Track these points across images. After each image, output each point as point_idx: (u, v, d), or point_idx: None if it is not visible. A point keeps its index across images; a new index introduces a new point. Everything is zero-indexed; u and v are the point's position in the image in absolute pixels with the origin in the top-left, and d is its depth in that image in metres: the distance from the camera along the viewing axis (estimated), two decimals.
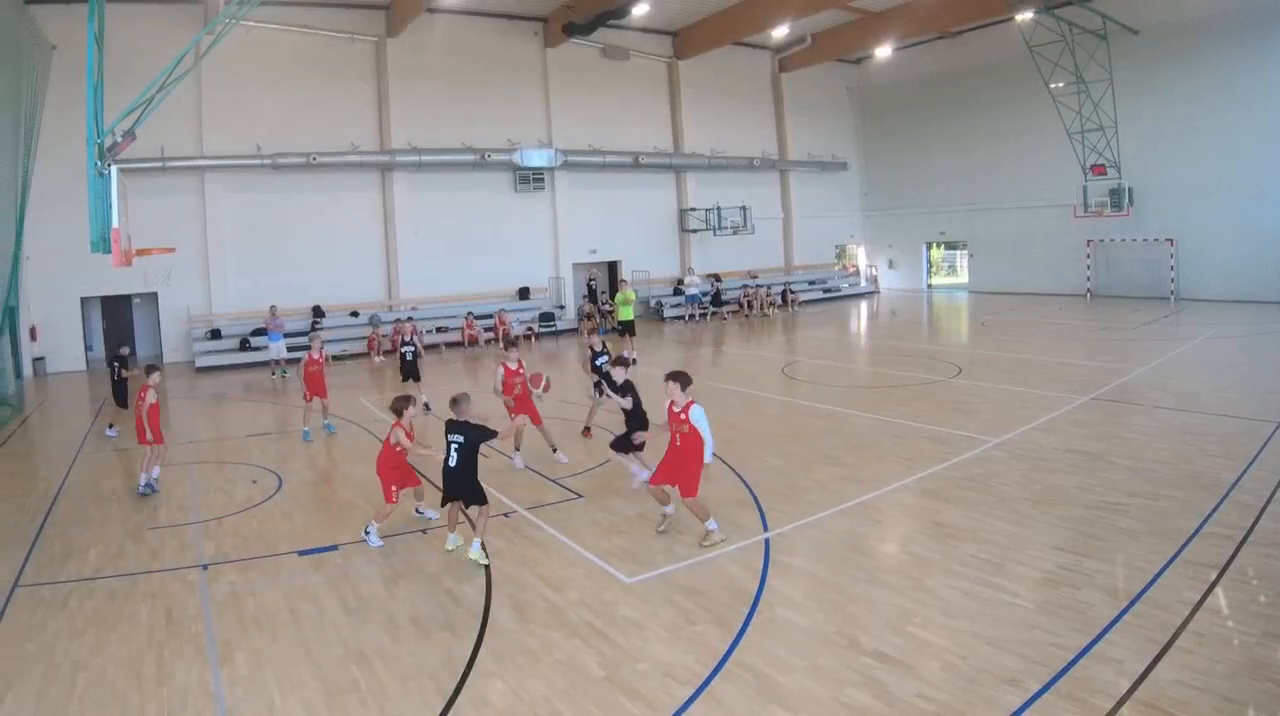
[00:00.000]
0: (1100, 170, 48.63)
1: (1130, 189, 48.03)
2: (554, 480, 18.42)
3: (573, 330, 48.45)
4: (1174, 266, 47.55)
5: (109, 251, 19.77)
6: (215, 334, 40.24)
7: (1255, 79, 44.18)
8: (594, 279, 52.83)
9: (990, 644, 10.18)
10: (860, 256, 67.61)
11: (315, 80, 43.00)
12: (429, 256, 46.01)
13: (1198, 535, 13.31)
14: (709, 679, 9.79)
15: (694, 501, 14.19)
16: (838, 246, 66.45)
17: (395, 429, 15.19)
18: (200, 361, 38.85)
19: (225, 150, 40.66)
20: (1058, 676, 9.36)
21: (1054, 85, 47.58)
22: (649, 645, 10.70)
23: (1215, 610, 10.88)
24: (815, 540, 14.11)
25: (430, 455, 15.13)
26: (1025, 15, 45.11)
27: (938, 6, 48.08)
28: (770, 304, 54.16)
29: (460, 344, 43.24)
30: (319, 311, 43.08)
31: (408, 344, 26.75)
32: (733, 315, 52.82)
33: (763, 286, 55.40)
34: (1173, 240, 47.39)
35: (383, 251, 45.79)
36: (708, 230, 54.82)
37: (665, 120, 55.45)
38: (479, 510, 13.94)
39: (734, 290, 55.31)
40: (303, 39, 42.46)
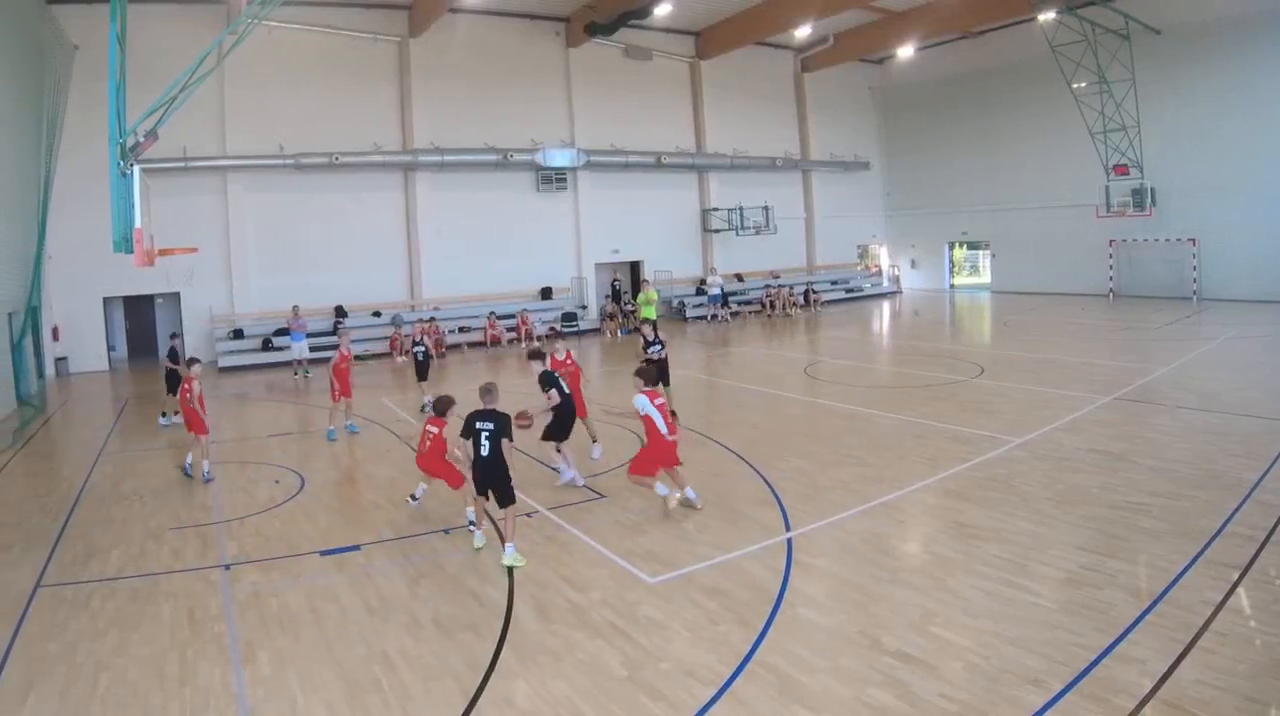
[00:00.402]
0: (1123, 170, 48.47)
1: (1152, 189, 47.88)
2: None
3: (595, 330, 48.51)
4: (1196, 266, 47.34)
5: (131, 251, 19.77)
6: (238, 334, 40.34)
7: (1278, 79, 44.02)
8: (618, 279, 52.66)
9: (1013, 643, 10.15)
10: (882, 256, 67.39)
11: (338, 80, 43.05)
12: (451, 256, 46.02)
13: (1220, 535, 13.26)
14: (731, 679, 9.77)
15: (637, 478, 16.03)
16: (860, 246, 66.33)
17: (440, 427, 16.10)
18: (223, 361, 38.92)
19: (248, 150, 40.71)
20: (1080, 676, 9.33)
21: (1076, 85, 47.48)
22: (671, 645, 10.68)
23: (1238, 610, 10.85)
24: (838, 540, 14.08)
25: (460, 460, 15.30)
26: (1047, 15, 45.07)
27: (960, 6, 47.96)
28: (792, 304, 53.99)
29: (483, 344, 43.23)
30: (341, 311, 43.10)
31: (419, 344, 26.72)
32: (755, 315, 52.83)
33: (785, 286, 55.21)
34: (1195, 240, 47.20)
35: (405, 251, 45.84)
36: (730, 230, 54.81)
37: (688, 120, 55.36)
38: (506, 512, 13.98)
39: (756, 290, 55.41)
40: (325, 39, 42.54)
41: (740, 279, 56.22)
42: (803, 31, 51.47)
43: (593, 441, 20.69)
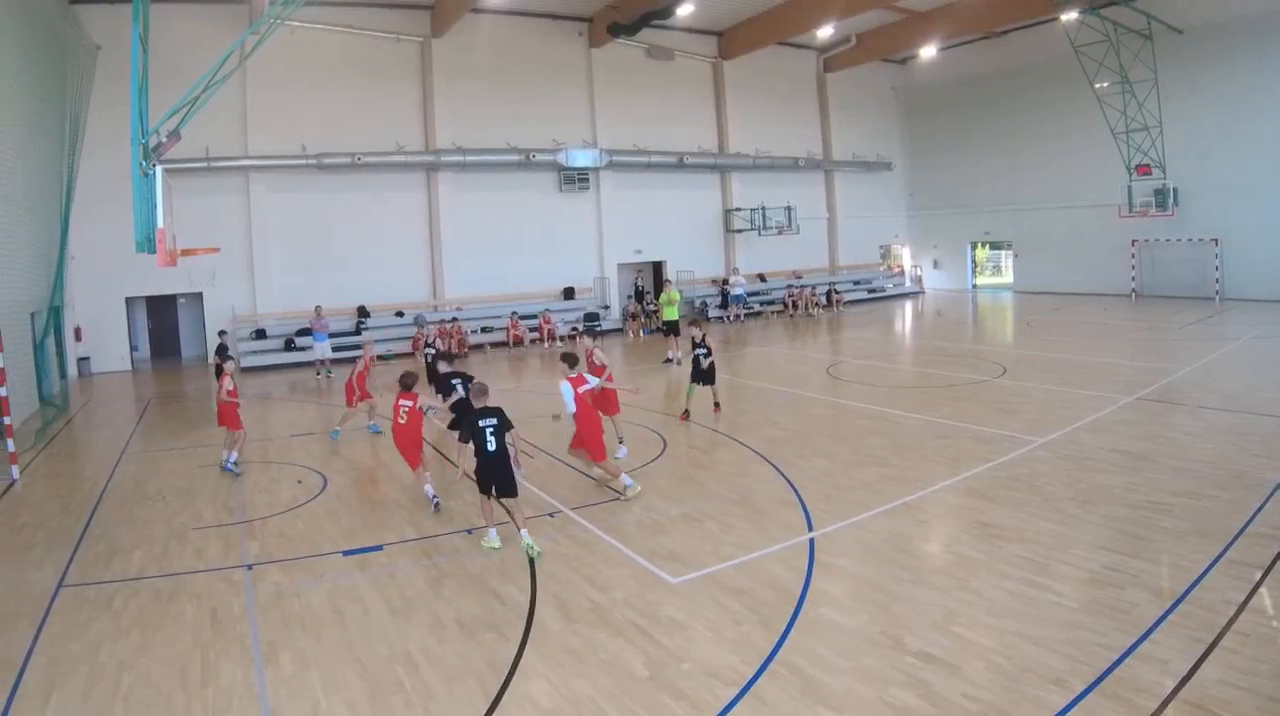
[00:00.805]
0: (1145, 170, 48.35)
1: (1175, 189, 47.82)
2: (598, 480, 18.35)
3: (618, 330, 48.47)
4: (1218, 266, 47.25)
5: (154, 251, 19.74)
6: (260, 334, 40.44)
7: None
8: (640, 280, 52.72)
9: (1035, 643, 10.15)
10: (905, 256, 67.36)
11: (360, 80, 43.15)
12: (474, 256, 46.09)
13: (1242, 535, 13.25)
14: (753, 679, 9.78)
15: (604, 464, 17.22)
16: (882, 246, 66.27)
17: (414, 401, 17.17)
18: (245, 361, 38.73)
19: (270, 150, 40.86)
20: (1102, 676, 9.33)
21: (1099, 85, 47.32)
22: (694, 645, 10.69)
23: (1260, 610, 10.83)
24: (860, 540, 14.07)
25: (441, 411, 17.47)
26: (1070, 15, 45.03)
27: (982, 6, 47.97)
28: (815, 304, 54.07)
29: (505, 344, 43.31)
30: (364, 312, 43.25)
31: (430, 346, 26.59)
32: (777, 315, 52.90)
33: (807, 286, 55.24)
34: (1217, 240, 47.12)
35: (427, 251, 45.91)
36: (752, 230, 54.78)
37: (710, 120, 55.35)
38: (513, 503, 14.35)
39: (779, 290, 55.38)
40: (348, 39, 42.66)
41: (763, 279, 56.23)
42: (825, 32, 51.39)
43: (619, 441, 20.73)
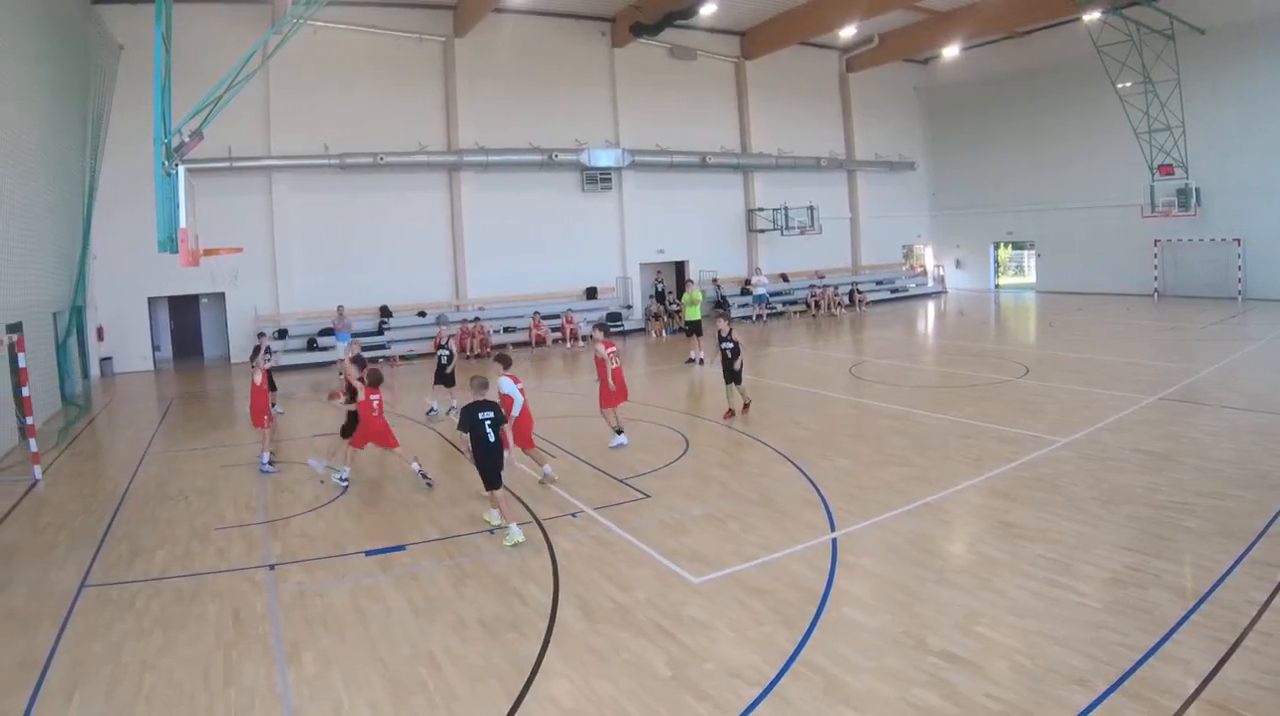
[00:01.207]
0: (1168, 170, 48.34)
1: (1197, 189, 47.74)
2: (621, 480, 18.46)
3: (640, 330, 48.69)
4: (1241, 266, 47.14)
5: (176, 251, 19.80)
6: (282, 334, 40.36)
7: None
8: (661, 280, 52.71)
9: (1058, 643, 10.14)
10: (928, 256, 67.37)
11: (383, 80, 43.23)
12: (496, 256, 46.12)
13: (1265, 535, 13.23)
14: (776, 679, 9.79)
15: (532, 451, 18.12)
16: (905, 246, 66.22)
17: (381, 395, 18.32)
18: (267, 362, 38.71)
19: (293, 150, 40.97)
20: (1125, 676, 9.33)
21: (1121, 85, 47.43)
22: (716, 645, 10.69)
23: None
24: (883, 540, 14.08)
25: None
26: (1092, 15, 45.02)
27: (1005, 6, 47.96)
28: (837, 304, 54.05)
29: (528, 344, 43.28)
30: (386, 311, 43.34)
31: (443, 348, 26.19)
32: (800, 315, 52.91)
33: (830, 286, 55.24)
34: (1240, 240, 46.98)
35: (450, 251, 45.98)
36: (775, 230, 54.82)
37: (732, 120, 55.36)
38: (495, 495, 15.07)
39: (801, 290, 55.36)
40: (370, 39, 42.74)
41: (785, 279, 56.24)
42: (848, 32, 51.35)
43: (618, 431, 21.36)
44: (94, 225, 34.28)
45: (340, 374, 22.90)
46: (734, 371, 23.44)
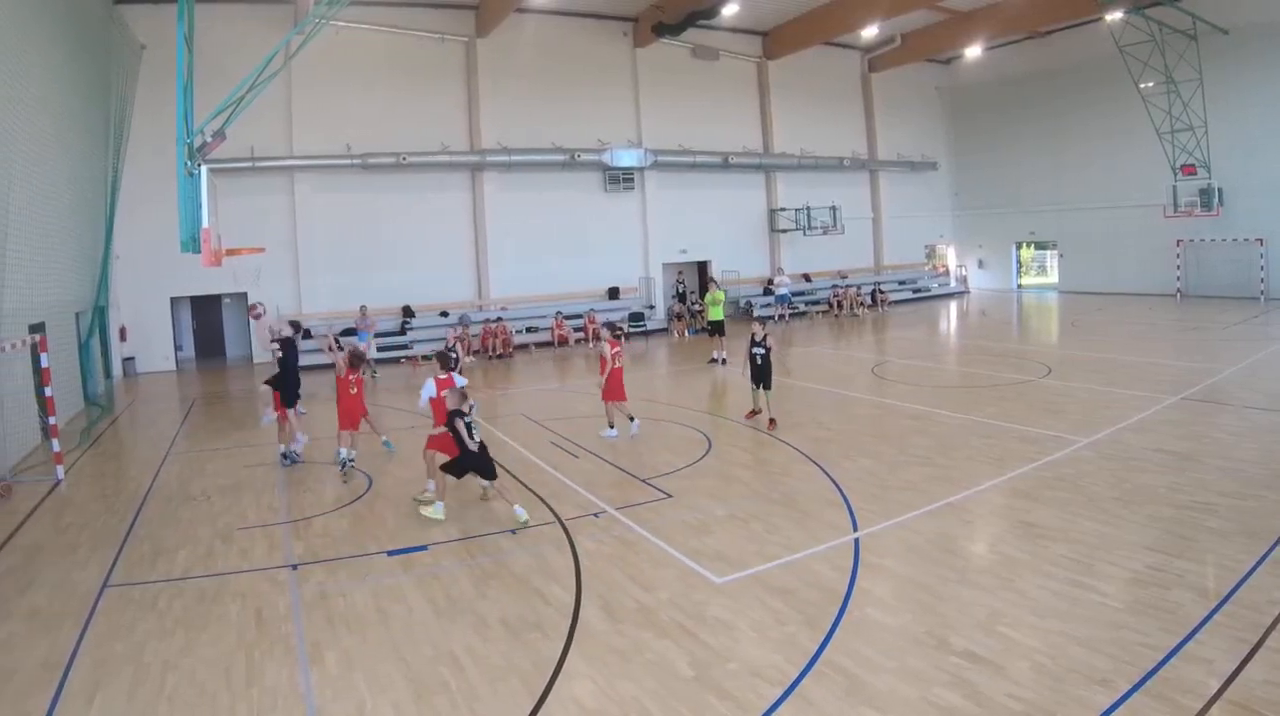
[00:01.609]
0: (1190, 170, 48.19)
1: (1220, 189, 47.59)
2: (644, 480, 18.49)
3: (663, 330, 48.63)
4: (1263, 266, 47.02)
5: (199, 251, 19.84)
6: (305, 334, 39.87)
7: None
8: (682, 281, 52.62)
9: (1080, 643, 10.14)
10: (950, 256, 67.28)
11: (405, 80, 43.32)
12: (518, 256, 46.25)
13: None
14: (798, 679, 9.80)
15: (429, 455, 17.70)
16: (927, 246, 66.14)
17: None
18: None
19: (315, 150, 41.12)
20: (1147, 676, 9.32)
21: (1143, 85, 47.28)
22: (739, 645, 10.70)
23: None
24: (905, 540, 14.10)
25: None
26: (1114, 15, 44.96)
27: (1027, 6, 47.87)
28: (860, 304, 54.00)
29: (550, 344, 43.34)
30: (409, 311, 43.43)
31: (451, 350, 25.91)
32: (822, 315, 52.97)
33: (852, 286, 55.21)
34: (1262, 240, 46.85)
35: (472, 251, 46.04)
36: (797, 230, 54.85)
37: (755, 120, 55.34)
38: (501, 485, 15.86)
39: (824, 290, 55.38)
40: (393, 39, 42.84)
41: (808, 279, 56.26)
42: (870, 32, 51.57)
43: (609, 426, 22.12)
44: (117, 225, 34.27)
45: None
46: (761, 375, 23.06)
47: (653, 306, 50.11)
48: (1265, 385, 25.24)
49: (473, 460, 15.76)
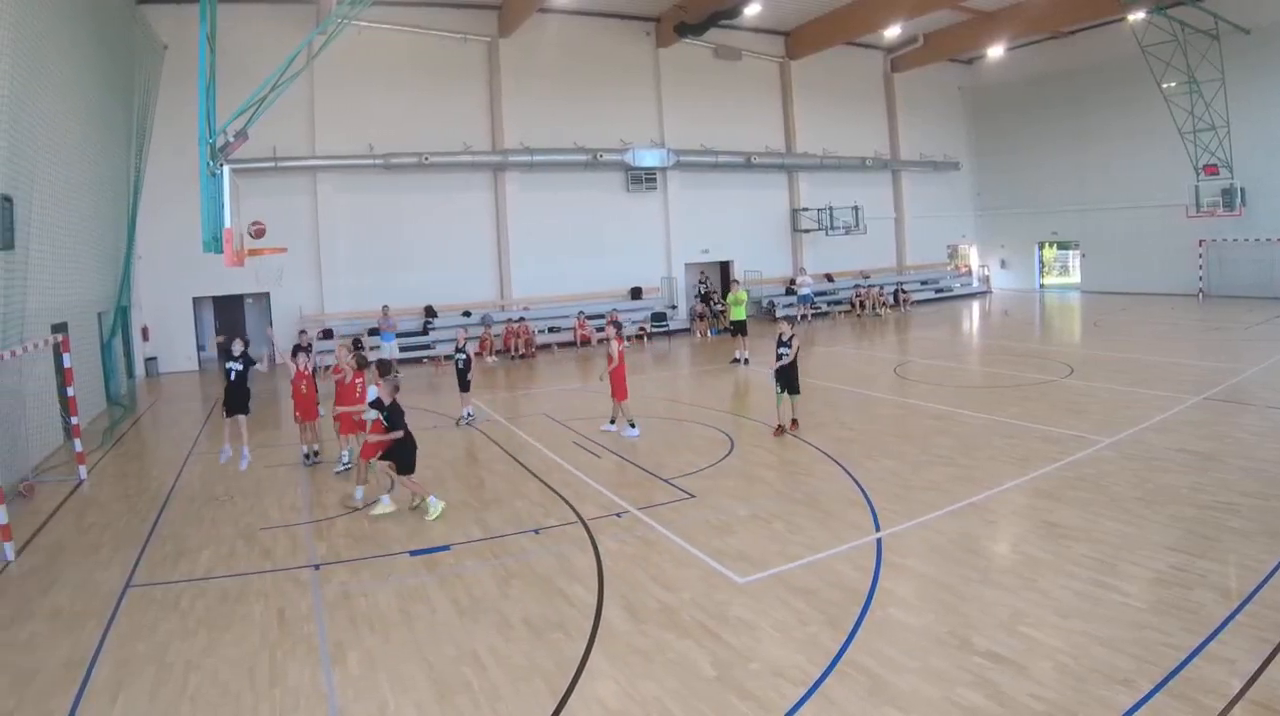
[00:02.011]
0: (1212, 170, 48.09)
1: (1242, 188, 47.51)
2: (666, 480, 18.53)
3: (685, 330, 48.59)
4: None
5: (221, 251, 19.83)
6: (328, 334, 39.95)
7: None
8: (704, 281, 52.45)
9: (1102, 643, 10.15)
10: (972, 256, 67.22)
11: (427, 80, 43.38)
12: (541, 256, 46.24)
13: None
14: (821, 679, 9.82)
15: (364, 463, 18.13)
16: (950, 246, 66.03)
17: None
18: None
19: (337, 150, 41.19)
20: (1170, 676, 9.33)
21: (1166, 85, 47.17)
22: (761, 645, 10.73)
23: None
24: (927, 540, 14.12)
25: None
26: (1137, 15, 44.89)
27: (1049, 6, 47.89)
28: (882, 304, 54.09)
29: (572, 344, 43.37)
30: (431, 311, 43.42)
31: (460, 352, 25.75)
32: (845, 315, 53.01)
33: (875, 286, 55.24)
34: None
35: (495, 251, 46.07)
36: (820, 230, 54.77)
37: (777, 120, 55.33)
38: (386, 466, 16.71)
39: (846, 290, 55.36)
40: (415, 39, 42.90)
41: (830, 279, 56.23)
42: (892, 31, 51.39)
43: (610, 421, 22.70)
44: (139, 225, 34.39)
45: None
46: (789, 379, 22.49)
47: (675, 306, 50.00)
48: None
49: (405, 445, 16.67)
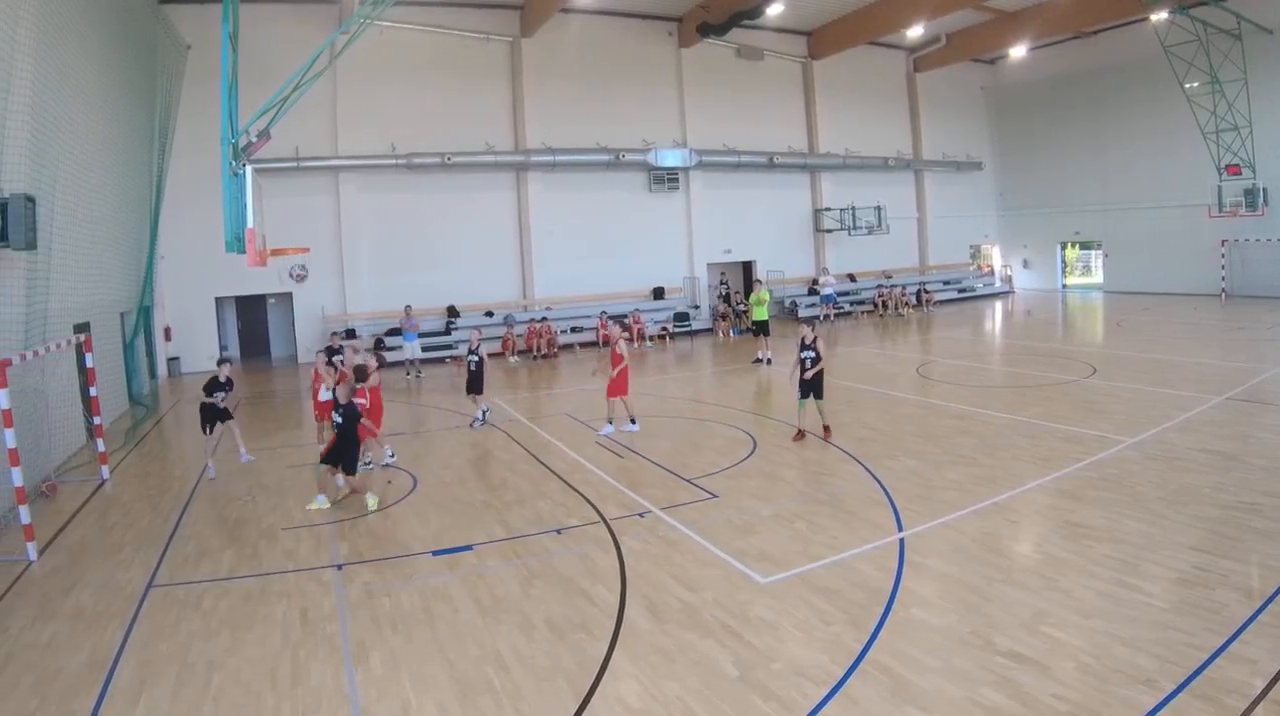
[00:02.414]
0: (1235, 170, 48.00)
1: (1265, 189, 47.37)
2: (689, 480, 18.53)
3: (708, 330, 48.60)
4: None
5: (244, 251, 19.87)
6: (350, 334, 40.20)
7: None
8: (725, 281, 52.67)
9: (1125, 643, 10.14)
10: (995, 256, 67.12)
11: (450, 80, 43.43)
12: (563, 256, 46.31)
13: None
14: (843, 679, 9.83)
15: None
16: (972, 246, 65.95)
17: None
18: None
19: (360, 150, 41.26)
20: (1192, 676, 9.32)
21: (1188, 85, 47.17)
22: (783, 645, 10.73)
23: None
24: (950, 540, 14.12)
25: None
26: (1159, 15, 44.86)
27: (1072, 7, 47.83)
28: (905, 304, 54.10)
29: (595, 344, 43.18)
30: (454, 311, 43.53)
31: (474, 353, 25.53)
32: (867, 315, 53.00)
33: (897, 286, 55.31)
34: None
35: (517, 251, 46.10)
36: (842, 230, 54.82)
37: (800, 120, 55.33)
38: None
39: (868, 290, 55.38)
40: (437, 39, 42.97)
41: (853, 279, 56.26)
42: (915, 31, 51.40)
43: (608, 421, 22.54)
44: (161, 225, 34.57)
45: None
46: (807, 382, 22.06)
47: (697, 306, 49.89)
48: None
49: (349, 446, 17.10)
